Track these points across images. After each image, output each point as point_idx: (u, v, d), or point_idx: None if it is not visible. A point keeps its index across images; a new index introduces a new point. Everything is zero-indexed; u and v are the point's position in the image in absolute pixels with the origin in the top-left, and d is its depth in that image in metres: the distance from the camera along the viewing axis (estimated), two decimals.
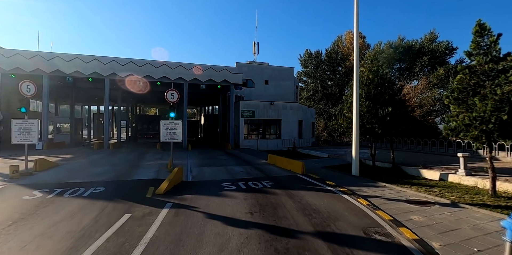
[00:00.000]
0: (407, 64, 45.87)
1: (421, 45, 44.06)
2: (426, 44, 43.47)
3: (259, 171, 12.87)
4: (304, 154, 21.67)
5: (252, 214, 6.65)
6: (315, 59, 55.35)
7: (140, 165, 14.09)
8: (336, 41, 57.51)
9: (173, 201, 7.59)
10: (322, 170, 13.53)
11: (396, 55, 44.74)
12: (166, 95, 11.80)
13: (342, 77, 54.59)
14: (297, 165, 12.40)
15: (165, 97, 11.82)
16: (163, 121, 11.99)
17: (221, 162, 16.07)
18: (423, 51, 43.45)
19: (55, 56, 22.80)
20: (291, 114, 28.89)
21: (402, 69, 46.91)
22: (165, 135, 11.77)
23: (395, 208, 7.39)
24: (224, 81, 26.20)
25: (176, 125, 11.85)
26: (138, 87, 26.04)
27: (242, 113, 27.09)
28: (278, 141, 28.17)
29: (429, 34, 45.15)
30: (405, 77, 45.67)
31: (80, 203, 7.34)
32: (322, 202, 7.77)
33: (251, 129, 28.34)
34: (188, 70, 25.27)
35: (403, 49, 44.67)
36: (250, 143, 27.26)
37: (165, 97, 11.82)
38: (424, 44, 43.59)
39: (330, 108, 55.03)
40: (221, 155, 19.77)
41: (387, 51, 45.46)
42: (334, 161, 17.07)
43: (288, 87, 38.24)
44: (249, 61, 37.42)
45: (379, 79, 12.95)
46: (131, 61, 24.10)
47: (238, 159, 17.70)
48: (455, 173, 11.08)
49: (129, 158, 17.11)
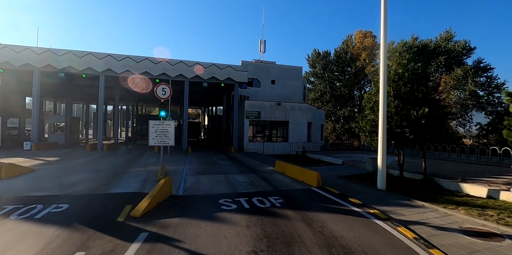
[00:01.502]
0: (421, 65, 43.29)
1: (436, 44, 41.69)
2: (442, 43, 41.08)
3: (265, 181, 10.88)
4: (315, 159, 19.61)
5: (256, 254, 4.67)
6: (324, 60, 53.35)
7: (127, 171, 12.19)
8: (346, 41, 55.42)
9: (150, 228, 5.64)
10: (339, 181, 11.48)
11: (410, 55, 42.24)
12: (156, 91, 9.91)
13: (352, 78, 52.51)
14: (311, 175, 10.38)
15: (155, 93, 9.94)
16: (152, 121, 10.06)
17: (222, 168, 14.13)
18: (439, 51, 41.07)
19: (46, 50, 21.16)
20: (299, 115, 26.85)
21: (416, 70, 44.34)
22: (154, 138, 9.84)
23: (454, 244, 5.34)
24: (228, 80, 24.30)
25: (168, 127, 9.92)
26: (136, 85, 24.30)
27: (247, 114, 25.15)
28: (285, 144, 26.13)
29: (444, 33, 42.74)
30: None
31: (25, 230, 5.43)
32: (351, 233, 5.74)
33: (257, 131, 26.37)
34: (189, 67, 23.44)
35: (417, 48, 42.25)
36: (255, 146, 25.29)
37: (155, 93, 9.94)
38: (440, 44, 41.21)
39: (339, 110, 52.94)
40: (223, 160, 17.83)
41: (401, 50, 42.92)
42: (350, 169, 15.00)
43: (296, 87, 36.26)
44: (255, 60, 35.56)
45: (409, 74, 10.92)
46: (128, 57, 22.34)
47: (241, 164, 15.74)
48: (509, 189, 8.95)
49: (119, 162, 15.24)
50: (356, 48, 52.68)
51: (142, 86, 24.51)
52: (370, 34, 53.48)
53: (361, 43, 53.13)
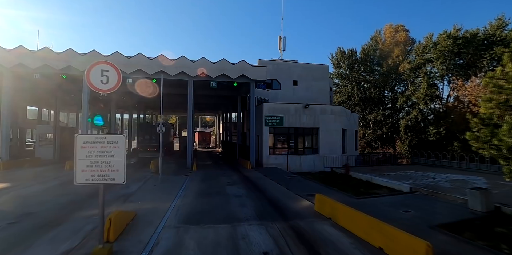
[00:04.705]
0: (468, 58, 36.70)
1: (485, 34, 35.09)
2: (496, 32, 34.41)
3: (309, 249, 5.64)
4: (363, 181, 14.07)
5: None
6: (349, 59, 47.67)
7: (65, 220, 7.16)
8: (374, 37, 49.61)
9: None
10: (441, 239, 6.04)
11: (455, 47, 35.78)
12: (87, 76, 4.95)
13: (383, 77, 46.40)
14: (409, 247, 4.97)
15: (87, 80, 4.97)
16: (81, 136, 5.04)
17: (230, 204, 9.02)
18: (492, 40, 34.42)
19: (19, 45, 17.17)
20: (332, 121, 21.39)
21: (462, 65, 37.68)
22: (84, 169, 4.82)
23: None
24: (242, 78, 19.36)
25: (113, 147, 4.90)
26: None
27: (266, 120, 20.05)
28: (315, 157, 20.68)
29: (496, 21, 35.98)
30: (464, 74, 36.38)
31: None
32: None
33: (278, 141, 21.16)
34: (194, 63, 18.75)
35: (464, 39, 35.70)
36: (276, 160, 20.05)
37: (87, 80, 4.97)
38: (492, 33, 34.58)
39: (369, 114, 46.88)
40: (234, 184, 12.72)
41: (444, 43, 36.53)
42: (432, 204, 9.43)
43: (322, 89, 30.94)
44: (273, 59, 30.67)
45: None
46: (117, 52, 17.98)
47: (259, 195, 10.55)
48: None
49: (81, 192, 10.33)
50: (387, 44, 46.76)
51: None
52: (402, 28, 47.44)
53: (392, 38, 47.13)
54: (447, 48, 35.53)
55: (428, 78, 38.30)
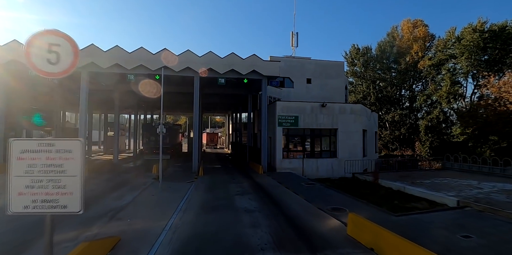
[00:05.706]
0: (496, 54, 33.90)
1: None
2: None
3: None
4: (392, 190, 12.10)
5: None
6: (364, 56, 45.28)
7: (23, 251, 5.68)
8: (391, 33, 47.18)
9: None
10: None
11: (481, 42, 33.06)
12: (27, 51, 3.41)
13: (400, 75, 43.91)
14: None
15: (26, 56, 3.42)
16: (18, 141, 3.34)
17: (238, 222, 7.29)
18: None
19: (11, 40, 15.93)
20: (351, 121, 19.40)
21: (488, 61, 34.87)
22: (22, 192, 3.17)
23: None
24: (252, 73, 17.63)
25: (65, 157, 3.19)
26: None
27: (279, 120, 18.25)
28: (333, 161, 18.75)
29: None
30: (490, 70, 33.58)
31: None
32: None
33: (293, 143, 19.32)
34: (200, 58, 17.16)
35: (492, 33, 32.96)
36: (291, 164, 18.23)
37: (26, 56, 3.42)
38: None
39: (386, 114, 44.46)
40: (244, 194, 10.98)
41: (469, 37, 33.80)
42: (493, 224, 7.48)
43: (337, 87, 28.95)
44: (286, 56, 28.88)
45: None
46: (117, 46, 16.54)
47: (275, 211, 8.75)
48: None
49: None
50: (405, 40, 44.26)
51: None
52: (421, 23, 44.81)
53: (410, 34, 44.55)
54: (473, 43, 32.88)
55: (452, 75, 35.74)
